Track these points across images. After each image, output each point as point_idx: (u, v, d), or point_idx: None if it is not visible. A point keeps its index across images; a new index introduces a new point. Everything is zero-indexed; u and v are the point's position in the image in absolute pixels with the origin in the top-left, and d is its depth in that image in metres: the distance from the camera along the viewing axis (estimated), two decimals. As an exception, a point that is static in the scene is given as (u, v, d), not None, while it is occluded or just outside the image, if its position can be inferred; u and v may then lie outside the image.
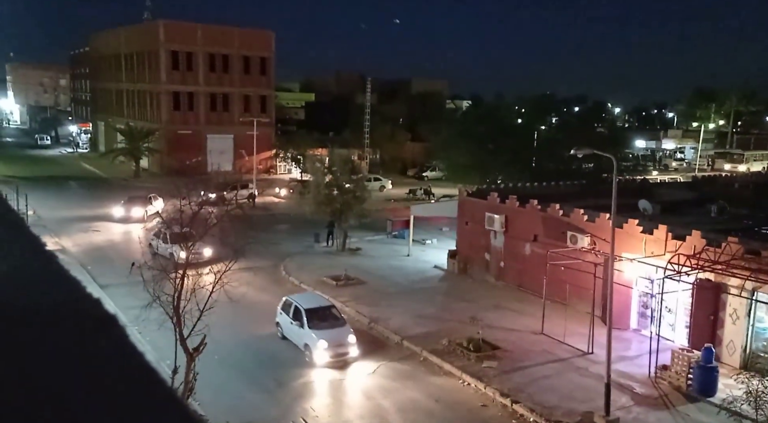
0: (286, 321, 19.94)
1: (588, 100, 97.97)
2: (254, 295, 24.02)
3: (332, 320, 19.43)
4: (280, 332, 20.32)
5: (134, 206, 36.56)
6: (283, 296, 21.00)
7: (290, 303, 20.14)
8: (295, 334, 19.46)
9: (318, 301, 20.73)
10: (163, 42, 56.67)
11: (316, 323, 18.97)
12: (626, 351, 19.21)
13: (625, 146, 57.95)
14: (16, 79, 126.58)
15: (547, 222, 24.11)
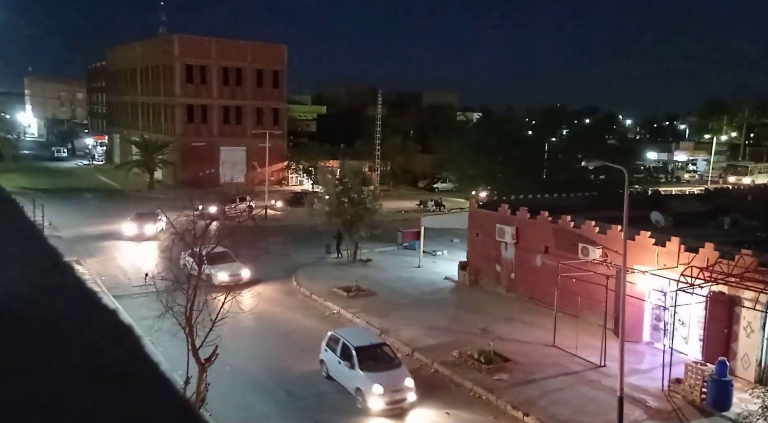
0: (333, 359, 17.70)
1: (599, 111, 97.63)
2: (265, 306, 24.09)
3: (386, 361, 17.22)
4: (325, 371, 18.10)
5: (145, 223, 34.90)
6: (328, 331, 18.84)
7: (337, 339, 17.83)
8: (344, 375, 17.25)
9: (368, 338, 18.39)
10: (178, 56, 57.43)
11: (369, 364, 16.81)
12: (639, 364, 19.02)
13: (636, 158, 57.62)
14: (34, 93, 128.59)
15: (558, 234, 24.02)
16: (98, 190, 54.84)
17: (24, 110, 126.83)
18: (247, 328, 21.31)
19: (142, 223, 34.89)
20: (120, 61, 72.35)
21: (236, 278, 25.55)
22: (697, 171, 79.38)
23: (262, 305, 23.01)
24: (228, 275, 25.34)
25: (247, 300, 24.11)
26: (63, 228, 35.50)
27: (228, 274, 25.39)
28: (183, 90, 57.81)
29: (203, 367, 14.78)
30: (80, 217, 39.90)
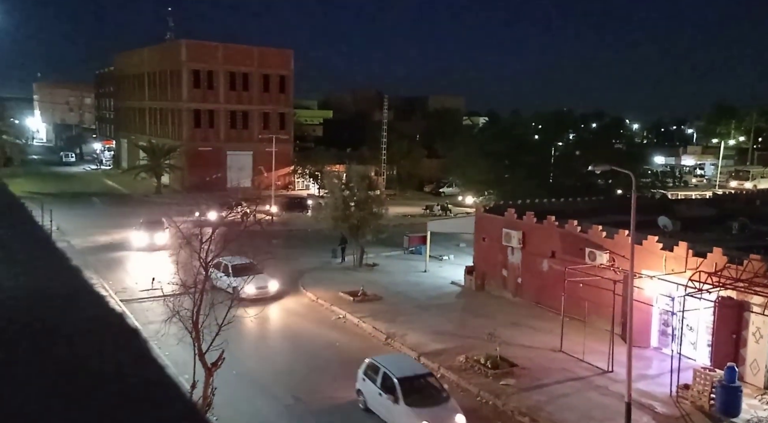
0: (373, 391, 16.12)
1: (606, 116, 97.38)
2: (271, 311, 24.11)
3: (434, 394, 15.78)
4: (363, 402, 16.58)
5: (153, 231, 33.15)
6: (366, 359, 17.25)
7: (377, 368, 16.27)
8: (386, 409, 15.63)
9: (412, 367, 16.89)
10: (185, 61, 57.74)
11: (415, 399, 15.24)
12: (647, 369, 18.89)
13: (643, 162, 57.41)
14: (43, 99, 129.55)
15: (565, 238, 23.94)
16: (105, 194, 55.12)
17: (33, 115, 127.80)
18: (252, 332, 21.33)
19: (151, 232, 33.28)
20: (128, 66, 72.83)
21: (263, 291, 24.92)
22: (705, 175, 78.99)
23: (267, 310, 23.04)
24: (255, 288, 24.13)
25: (276, 314, 23.79)
26: (70, 232, 35.63)
27: (255, 287, 24.14)
28: (190, 95, 58.08)
29: (210, 371, 14.79)
30: (87, 222, 40.06)
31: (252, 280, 23.93)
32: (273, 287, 25.69)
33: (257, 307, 22.02)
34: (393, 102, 71.79)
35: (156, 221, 33.45)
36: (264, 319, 22.30)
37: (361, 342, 21.41)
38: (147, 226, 33.68)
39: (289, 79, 62.59)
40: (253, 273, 24.31)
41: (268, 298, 25.02)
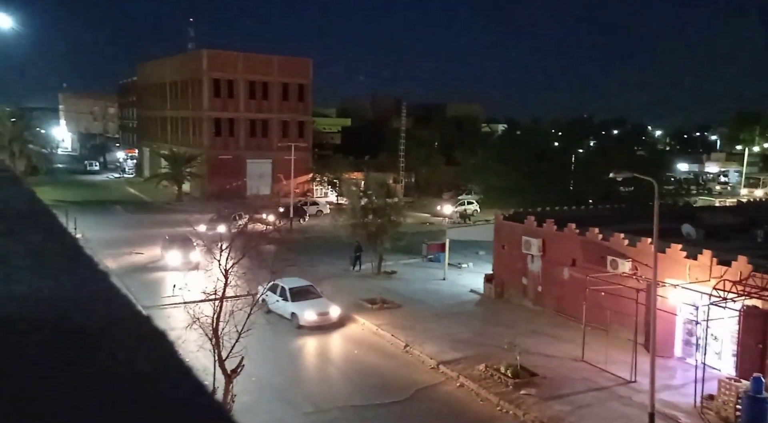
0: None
1: (627, 122, 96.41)
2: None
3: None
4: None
5: (184, 250, 30.90)
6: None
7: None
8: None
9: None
10: (206, 70, 58.52)
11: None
12: (671, 380, 18.56)
13: (666, 169, 56.68)
14: (68, 108, 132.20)
15: (586, 246, 23.68)
16: (128, 202, 55.91)
17: (58, 125, 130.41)
18: (271, 339, 21.39)
19: (183, 251, 30.78)
20: (150, 76, 74.02)
21: (325, 318, 22.71)
22: (728, 183, 77.75)
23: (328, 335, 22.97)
24: (316, 314, 22.49)
25: (338, 343, 21.96)
26: (94, 239, 36.14)
27: (316, 313, 22.51)
28: (211, 104, 58.81)
29: (229, 378, 14.87)
30: (110, 230, 40.59)
31: (311, 305, 22.64)
32: (335, 313, 23.16)
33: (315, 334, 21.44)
34: (411, 109, 71.91)
35: (184, 238, 30.95)
36: (282, 326, 22.36)
37: (379, 350, 21.35)
38: (177, 244, 31.23)
39: (308, 88, 63.08)
40: (311, 297, 23.08)
41: (329, 325, 22.92)
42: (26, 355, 0.89)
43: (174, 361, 1.00)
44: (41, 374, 0.84)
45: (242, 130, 60.34)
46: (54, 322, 1.06)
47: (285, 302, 22.89)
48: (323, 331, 22.68)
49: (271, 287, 22.89)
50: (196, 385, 0.92)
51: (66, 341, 0.99)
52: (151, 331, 1.10)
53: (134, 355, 1.00)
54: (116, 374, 0.90)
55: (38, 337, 0.98)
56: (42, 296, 1.19)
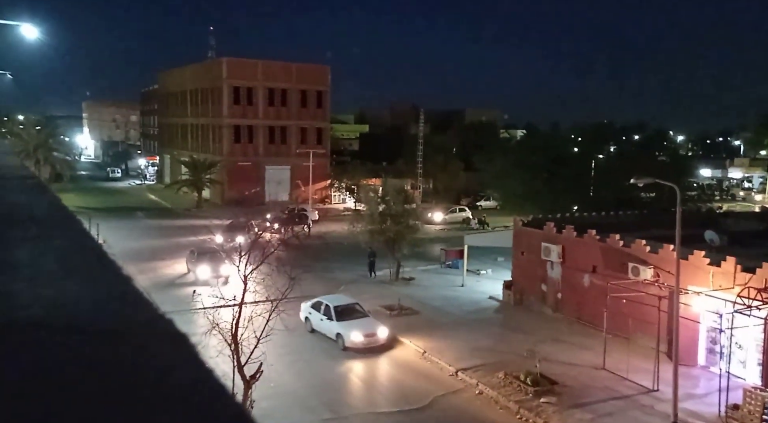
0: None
1: (648, 127, 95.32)
2: (309, 323, 24.17)
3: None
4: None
5: (216, 263, 27.33)
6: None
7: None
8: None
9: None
10: (225, 78, 59.19)
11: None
12: (694, 389, 18.22)
13: (688, 175, 55.89)
14: (91, 116, 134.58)
15: (607, 253, 23.41)
16: (149, 208, 56.61)
17: (82, 133, 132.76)
18: (290, 345, 21.44)
19: (213, 264, 27.95)
20: (171, 84, 75.06)
21: (372, 339, 21.04)
22: (753, 188, 76.41)
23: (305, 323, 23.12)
24: (363, 335, 20.87)
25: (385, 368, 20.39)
26: (115, 245, 36.63)
27: (362, 334, 20.90)
28: (230, 111, 59.42)
29: (248, 384, 14.93)
30: (132, 235, 41.10)
31: (358, 326, 21.22)
32: (383, 334, 21.39)
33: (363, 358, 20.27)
34: (429, 115, 71.94)
35: (213, 251, 27.25)
36: (301, 332, 22.40)
37: (396, 356, 21.28)
38: (206, 258, 28.52)
39: (326, 95, 63.46)
40: (357, 316, 21.75)
41: (377, 347, 21.23)
42: (53, 356, 0.91)
43: (196, 363, 1.01)
44: (68, 374, 0.86)
45: (261, 137, 60.85)
46: (79, 324, 1.08)
47: (330, 322, 21.62)
48: (371, 354, 21.20)
49: (315, 305, 22.48)
50: (217, 386, 0.93)
51: (91, 342, 1.01)
52: (173, 333, 1.12)
53: (158, 356, 1.01)
54: (140, 375, 0.92)
55: (64, 338, 1.00)
56: (68, 299, 1.21)
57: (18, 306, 1.13)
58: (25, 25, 13.34)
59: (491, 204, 57.72)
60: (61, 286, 1.29)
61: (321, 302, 22.32)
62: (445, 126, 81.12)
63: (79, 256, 1.65)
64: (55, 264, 1.50)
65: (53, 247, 1.66)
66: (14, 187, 2.96)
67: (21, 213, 2.21)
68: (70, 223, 2.10)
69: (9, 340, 0.96)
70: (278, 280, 18.33)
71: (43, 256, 1.54)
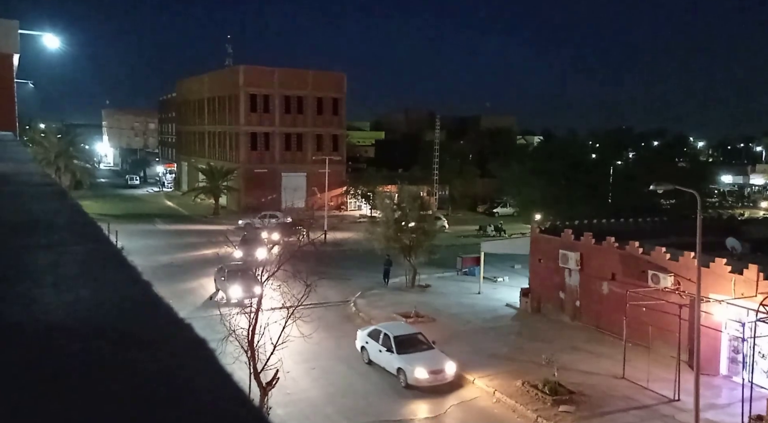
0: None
1: (668, 133, 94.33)
2: (324, 331, 24.18)
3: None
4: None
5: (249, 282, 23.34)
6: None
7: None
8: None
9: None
10: (242, 86, 59.74)
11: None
12: (716, 398, 17.89)
13: (709, 181, 55.16)
14: (111, 124, 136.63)
15: (626, 260, 23.13)
16: (167, 215, 57.18)
17: (101, 140, 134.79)
18: (306, 352, 21.47)
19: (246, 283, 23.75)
20: (189, 92, 75.95)
21: (439, 376, 18.68)
22: (775, 195, 75.18)
23: (321, 330, 23.12)
24: (428, 371, 18.47)
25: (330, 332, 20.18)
26: (133, 251, 37.00)
27: (428, 370, 18.49)
28: (247, 118, 59.93)
29: (264, 391, 14.95)
30: (150, 242, 41.51)
31: (422, 360, 18.75)
32: (451, 370, 18.92)
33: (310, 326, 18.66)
34: (445, 122, 71.90)
35: (244, 270, 24.95)
36: (317, 339, 22.39)
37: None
38: (238, 277, 25.60)
39: (342, 102, 63.76)
40: (421, 348, 19.35)
41: (444, 385, 18.80)
42: (74, 359, 0.91)
43: (216, 368, 1.00)
44: (89, 377, 0.86)
45: (277, 144, 61.25)
46: (100, 328, 1.08)
47: (389, 354, 19.34)
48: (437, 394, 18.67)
49: (372, 333, 20.33)
50: (237, 392, 0.93)
51: (111, 346, 1.01)
52: (192, 338, 1.12)
53: (177, 360, 1.01)
54: (161, 379, 0.91)
55: (85, 342, 1.00)
56: (88, 304, 1.21)
57: (40, 310, 1.14)
58: (47, 35, 13.60)
59: (508, 211, 57.43)
60: (82, 291, 1.29)
61: (380, 330, 20.23)
62: (461, 132, 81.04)
63: (99, 261, 1.66)
64: (76, 269, 1.51)
65: (74, 253, 1.67)
66: (36, 194, 3.00)
67: (43, 219, 2.24)
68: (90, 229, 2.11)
69: (31, 343, 0.97)
70: (294, 287, 18.37)
71: (64, 262, 1.54)
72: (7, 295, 1.21)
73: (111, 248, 1.84)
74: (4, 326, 1.04)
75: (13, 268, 1.44)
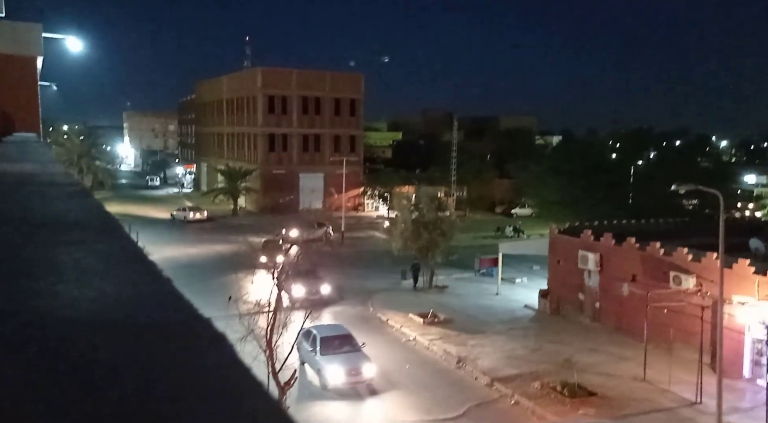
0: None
1: (690, 133, 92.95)
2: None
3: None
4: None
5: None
6: None
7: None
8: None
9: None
10: (260, 87, 60.15)
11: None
12: (739, 402, 17.59)
13: (732, 181, 54.25)
14: (132, 126, 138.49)
15: (647, 261, 22.84)
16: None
17: (122, 142, 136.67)
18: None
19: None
20: (208, 94, 76.67)
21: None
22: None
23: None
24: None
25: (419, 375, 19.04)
26: (153, 251, 37.35)
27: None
28: (265, 120, 60.32)
29: (283, 390, 15.04)
30: (169, 242, 41.92)
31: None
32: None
33: None
34: (463, 122, 71.63)
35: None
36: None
37: (431, 365, 21.13)
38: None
39: (360, 103, 63.86)
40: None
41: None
42: (97, 353, 0.93)
43: (233, 361, 1.02)
44: (111, 370, 0.87)
45: (295, 145, 61.53)
46: (121, 323, 1.10)
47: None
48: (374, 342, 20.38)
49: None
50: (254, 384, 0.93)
51: (133, 340, 1.02)
52: (211, 333, 1.13)
53: (196, 355, 1.02)
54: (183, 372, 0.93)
55: (108, 336, 1.02)
56: (111, 299, 1.23)
57: (64, 305, 1.16)
58: (70, 38, 13.82)
59: (526, 211, 57.04)
60: (105, 287, 1.32)
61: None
62: (479, 133, 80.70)
63: (121, 258, 1.68)
64: (98, 266, 1.53)
65: (97, 250, 1.70)
66: (60, 194, 3.06)
67: (67, 218, 2.28)
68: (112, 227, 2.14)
69: (55, 336, 0.99)
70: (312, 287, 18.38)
71: (87, 259, 1.57)
72: (33, 290, 1.23)
73: (132, 246, 1.87)
74: (30, 320, 1.06)
75: (39, 264, 1.47)
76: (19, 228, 1.96)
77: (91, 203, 2.72)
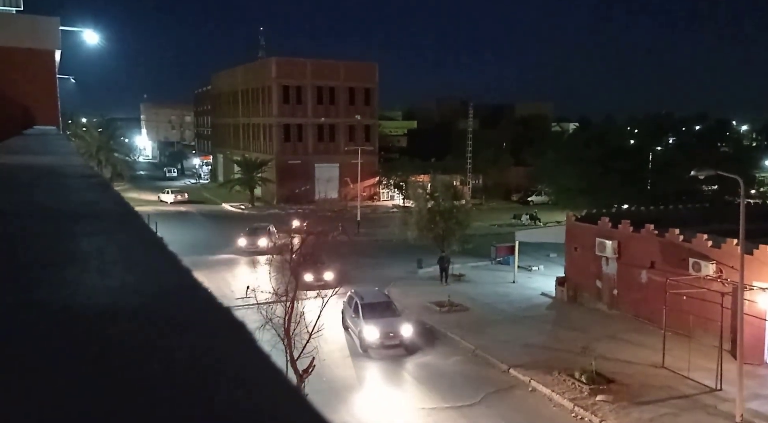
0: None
1: (709, 118, 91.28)
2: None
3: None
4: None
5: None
6: None
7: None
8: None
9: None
10: (275, 78, 60.20)
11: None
12: (760, 388, 17.40)
13: (753, 167, 53.31)
14: (149, 118, 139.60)
15: (666, 248, 22.60)
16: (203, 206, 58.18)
17: (140, 134, 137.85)
18: (340, 340, 21.68)
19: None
20: (223, 84, 76.92)
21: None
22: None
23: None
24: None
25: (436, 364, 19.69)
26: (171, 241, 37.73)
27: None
28: (280, 110, 60.42)
29: (301, 378, 15.18)
30: (187, 233, 42.36)
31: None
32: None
33: None
34: (478, 110, 71.11)
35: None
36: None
37: (447, 352, 21.17)
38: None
39: (374, 92, 63.66)
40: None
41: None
42: (119, 343, 0.95)
43: (253, 349, 1.03)
44: (132, 358, 0.89)
45: (310, 135, 61.62)
46: (142, 313, 1.11)
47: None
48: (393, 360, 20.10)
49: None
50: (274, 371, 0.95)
51: (153, 329, 1.04)
52: (231, 322, 1.14)
53: (217, 343, 1.04)
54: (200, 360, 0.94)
55: (129, 325, 1.04)
56: (131, 289, 1.25)
57: (86, 294, 1.18)
58: (88, 31, 13.93)
59: (543, 199, 56.63)
60: (125, 277, 1.34)
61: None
62: (494, 121, 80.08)
63: (141, 249, 1.71)
64: (119, 256, 1.55)
65: (117, 241, 1.73)
66: (80, 185, 3.10)
67: (88, 209, 2.31)
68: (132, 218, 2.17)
69: (76, 327, 1.01)
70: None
71: (108, 249, 1.60)
72: (55, 280, 1.26)
73: (152, 236, 1.89)
74: (52, 309, 1.08)
75: (61, 255, 1.50)
76: (42, 219, 2.00)
77: (111, 194, 2.75)
